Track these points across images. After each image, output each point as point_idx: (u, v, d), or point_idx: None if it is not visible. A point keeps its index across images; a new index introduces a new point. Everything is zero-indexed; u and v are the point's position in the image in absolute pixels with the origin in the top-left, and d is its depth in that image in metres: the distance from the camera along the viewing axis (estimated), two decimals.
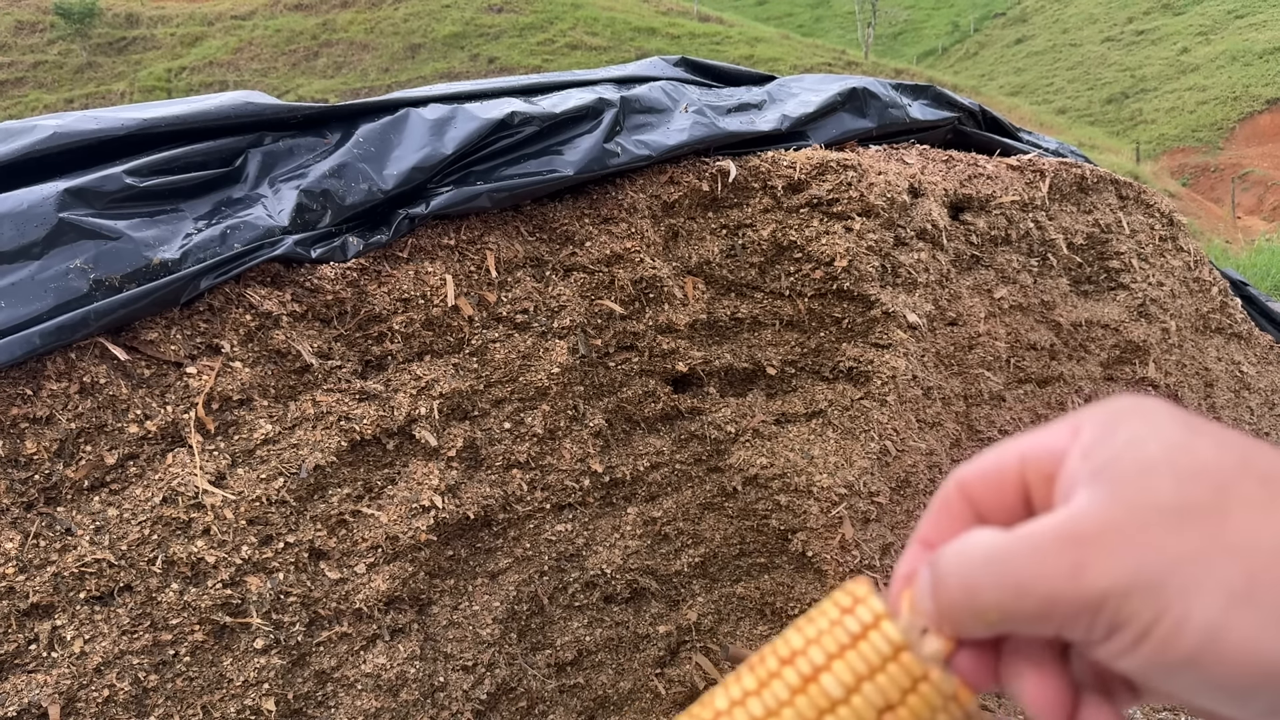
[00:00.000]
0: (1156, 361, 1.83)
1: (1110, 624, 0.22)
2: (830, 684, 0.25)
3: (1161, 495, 0.21)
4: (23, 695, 0.80)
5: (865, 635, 0.26)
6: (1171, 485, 0.21)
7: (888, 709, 0.25)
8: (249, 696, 0.89)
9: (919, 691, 0.25)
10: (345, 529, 0.98)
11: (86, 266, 0.84)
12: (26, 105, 16.45)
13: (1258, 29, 21.59)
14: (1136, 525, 0.21)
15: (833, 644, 0.26)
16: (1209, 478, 0.21)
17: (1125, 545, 0.21)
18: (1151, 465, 0.22)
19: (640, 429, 1.27)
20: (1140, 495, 0.21)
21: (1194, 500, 0.21)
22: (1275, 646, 0.20)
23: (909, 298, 1.36)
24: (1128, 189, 1.82)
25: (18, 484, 0.82)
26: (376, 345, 1.03)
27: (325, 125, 1.05)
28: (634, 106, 1.22)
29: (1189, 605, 0.20)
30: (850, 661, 0.26)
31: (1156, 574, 0.21)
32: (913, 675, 0.25)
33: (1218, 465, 0.21)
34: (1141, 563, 0.21)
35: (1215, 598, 0.20)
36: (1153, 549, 0.21)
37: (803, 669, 0.26)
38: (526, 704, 1.14)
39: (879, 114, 1.48)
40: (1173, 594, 0.20)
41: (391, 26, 18.84)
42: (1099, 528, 0.22)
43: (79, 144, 0.90)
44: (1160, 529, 0.21)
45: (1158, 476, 0.21)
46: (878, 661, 0.25)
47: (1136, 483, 0.22)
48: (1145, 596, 0.21)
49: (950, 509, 0.26)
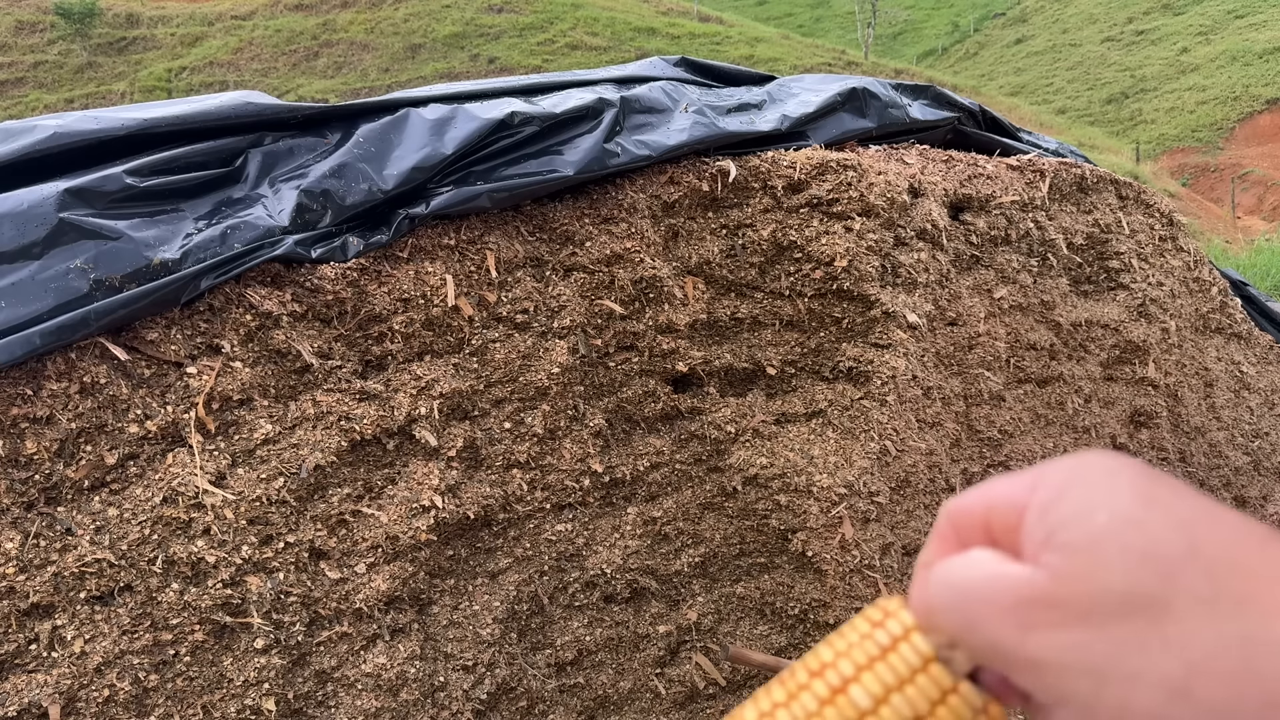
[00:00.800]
0: (1156, 361, 1.83)
1: (1054, 693, 0.22)
2: (859, 695, 0.25)
3: (1108, 578, 0.22)
4: (23, 695, 0.80)
5: (895, 647, 0.26)
6: (1118, 568, 0.22)
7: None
8: (249, 696, 0.89)
9: (948, 704, 0.25)
10: (345, 529, 0.98)
11: (87, 266, 0.84)
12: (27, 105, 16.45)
13: (1258, 29, 21.59)
14: (1083, 605, 0.22)
15: (862, 656, 0.26)
16: (1155, 564, 0.21)
17: (1071, 622, 0.22)
18: (1099, 539, 0.22)
19: (640, 429, 1.27)
20: (1088, 574, 0.22)
21: (1139, 588, 0.21)
22: None
23: (909, 298, 1.36)
24: (1127, 189, 1.82)
25: (18, 484, 0.82)
26: (377, 345, 1.03)
27: (325, 125, 1.05)
28: (634, 106, 1.22)
29: (1130, 694, 0.21)
30: (879, 673, 0.26)
31: (1099, 657, 0.21)
32: (942, 687, 0.25)
33: (1165, 548, 0.22)
34: (1085, 643, 0.21)
35: (1157, 691, 0.20)
36: (1097, 632, 0.21)
37: (832, 681, 0.26)
38: (526, 704, 1.14)
39: (879, 114, 1.48)
40: (1114, 680, 0.21)
41: (392, 26, 18.84)
42: (1048, 598, 0.22)
43: (79, 144, 0.90)
44: (1105, 613, 0.21)
45: (1105, 555, 0.22)
46: (906, 673, 0.25)
47: (1085, 557, 0.22)
48: (1086, 677, 0.21)
49: (943, 537, 0.27)
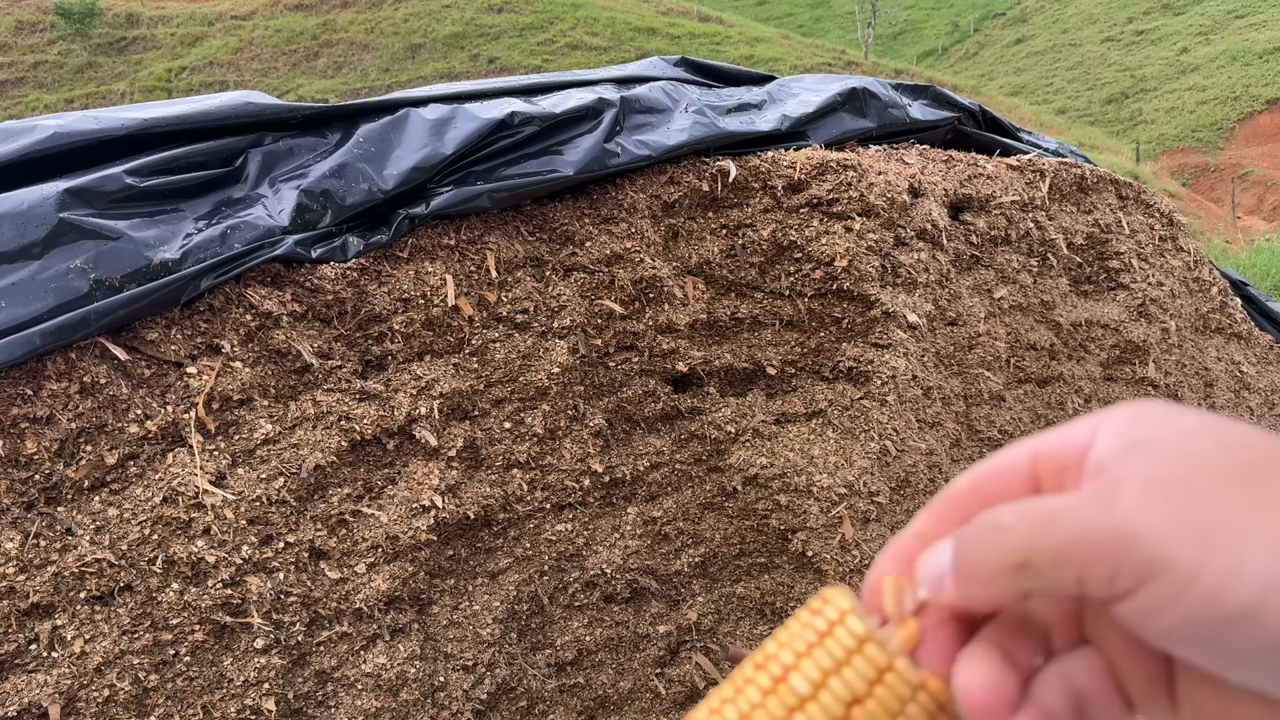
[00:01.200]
0: (1156, 361, 1.84)
1: (1143, 569, 0.20)
2: (798, 682, 0.25)
3: (1204, 456, 0.20)
4: (23, 695, 0.80)
5: (831, 632, 0.26)
6: (1215, 449, 0.21)
7: (855, 702, 0.25)
8: (249, 696, 0.90)
9: (885, 682, 0.25)
10: (345, 529, 0.98)
11: (87, 266, 0.84)
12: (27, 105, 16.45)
13: (1258, 29, 21.59)
14: (1178, 477, 0.20)
15: (801, 644, 0.26)
16: (1250, 449, 0.21)
17: (1166, 491, 0.20)
18: (1192, 432, 0.21)
19: (640, 429, 1.27)
20: (1180, 454, 0.21)
21: (1238, 464, 0.20)
22: None
23: (909, 298, 1.36)
24: (1127, 189, 1.82)
25: (18, 484, 0.82)
26: (377, 345, 1.03)
27: (325, 125, 1.05)
28: (634, 106, 1.22)
29: (1244, 555, 0.19)
30: (817, 658, 0.26)
31: (1204, 521, 0.19)
32: (877, 666, 0.25)
33: (1257, 439, 0.21)
34: (1187, 508, 0.20)
35: (1271, 548, 0.19)
36: (1197, 498, 0.20)
37: (773, 671, 0.26)
38: (527, 704, 1.14)
39: (879, 114, 1.48)
40: (1224, 543, 0.19)
41: (392, 26, 18.84)
42: (1140, 478, 0.21)
43: (79, 144, 0.90)
44: (1204, 483, 0.20)
45: (1198, 440, 0.21)
46: (843, 656, 0.25)
47: (1176, 444, 0.21)
48: (1190, 542, 0.19)
49: (956, 502, 0.25)
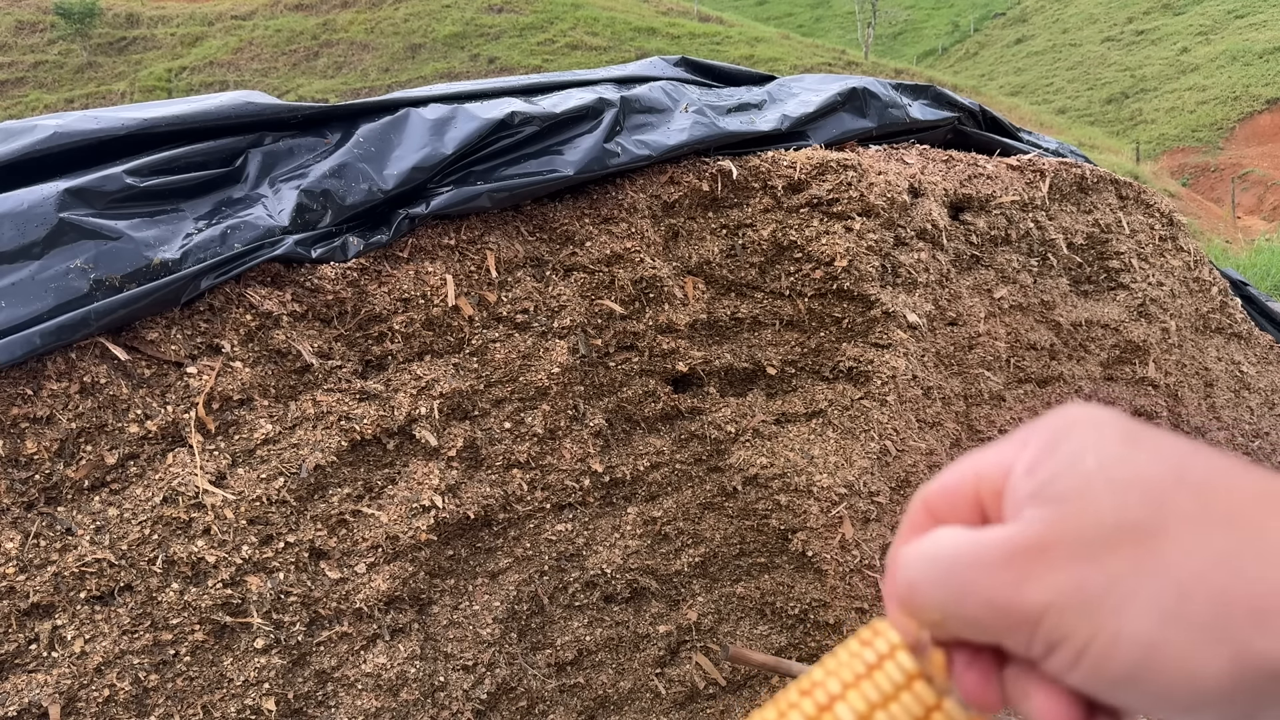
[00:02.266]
0: (1156, 361, 1.83)
1: (1048, 640, 0.22)
2: (844, 712, 0.26)
3: (1100, 513, 0.22)
4: (23, 695, 0.80)
5: (880, 665, 0.26)
6: (1109, 502, 0.22)
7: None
8: (249, 696, 0.89)
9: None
10: (345, 529, 0.98)
11: (87, 266, 0.84)
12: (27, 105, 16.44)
13: (1258, 29, 21.59)
14: (1076, 543, 0.22)
15: (849, 674, 0.26)
16: (1144, 493, 0.21)
17: (1065, 562, 0.22)
18: (1089, 481, 0.22)
19: (640, 429, 1.27)
20: (1080, 513, 0.22)
21: (1130, 518, 0.21)
22: (1206, 664, 0.20)
23: (909, 298, 1.36)
24: (1127, 189, 1.82)
25: (18, 484, 0.82)
26: (377, 345, 1.03)
27: (325, 125, 1.05)
28: (634, 106, 1.22)
29: (1121, 622, 0.21)
30: (864, 690, 0.26)
31: (1093, 592, 0.21)
32: (925, 704, 0.25)
33: (1154, 478, 0.22)
34: (1079, 580, 0.21)
35: (1148, 616, 0.20)
36: (1090, 566, 0.21)
37: (819, 699, 0.26)
38: (527, 703, 1.14)
39: (879, 114, 1.48)
40: (1107, 611, 0.21)
41: (392, 26, 18.83)
42: (1041, 544, 0.22)
43: (79, 144, 0.90)
44: (1098, 546, 0.21)
45: (1096, 493, 0.22)
46: (891, 690, 0.26)
47: (1076, 500, 0.22)
48: (1081, 613, 0.21)
49: (916, 525, 0.27)
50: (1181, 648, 0.20)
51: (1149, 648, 0.20)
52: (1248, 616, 0.20)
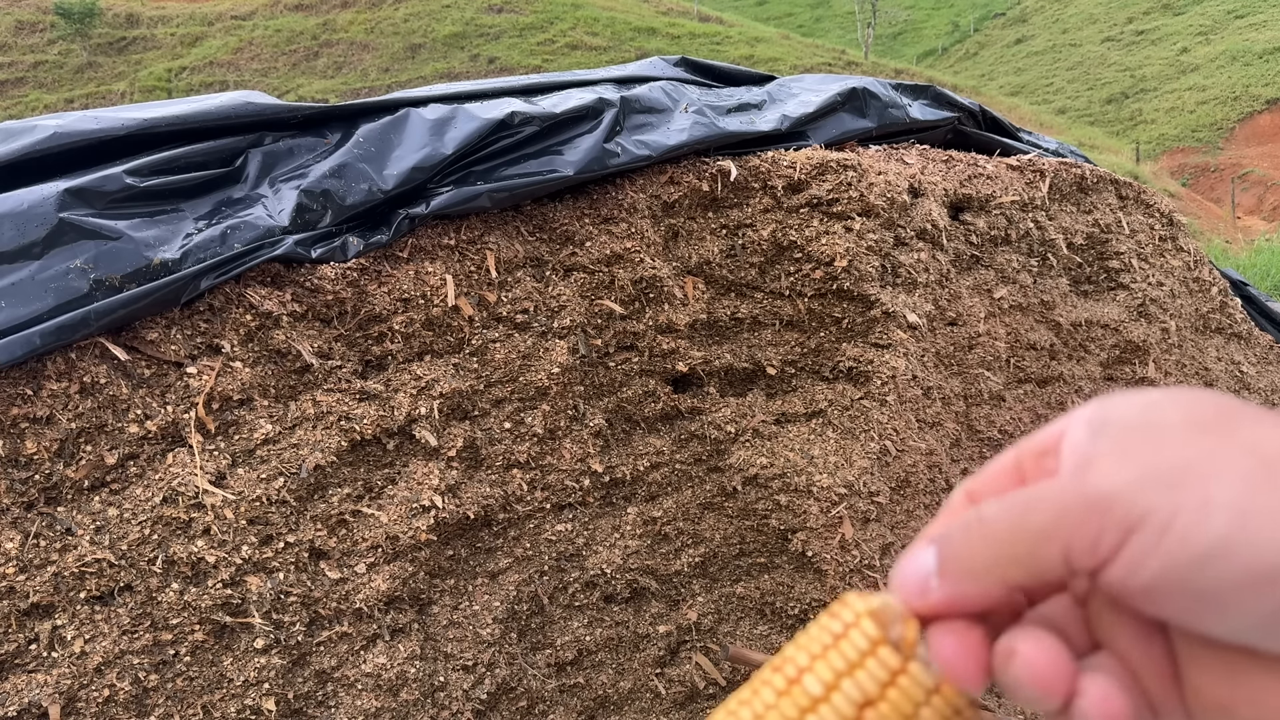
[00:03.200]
0: (1156, 361, 1.84)
1: (1122, 525, 0.21)
2: (810, 683, 0.26)
3: (1167, 416, 0.22)
4: (23, 695, 0.80)
5: (846, 634, 0.26)
6: (1175, 410, 0.22)
7: (868, 704, 0.25)
8: (249, 696, 0.89)
9: (898, 684, 0.25)
10: (345, 529, 0.98)
11: (87, 266, 0.84)
12: (27, 105, 16.44)
13: (1258, 29, 21.59)
14: (1144, 435, 0.22)
15: (817, 646, 0.26)
16: (1211, 404, 0.22)
17: (1134, 449, 0.21)
18: (1154, 401, 0.23)
19: (640, 429, 1.27)
20: (1145, 417, 0.22)
21: (1200, 417, 0.22)
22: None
23: (909, 298, 1.36)
24: (1127, 189, 1.82)
25: (18, 484, 0.82)
26: (377, 345, 1.03)
27: (325, 125, 1.05)
28: (634, 106, 1.22)
29: (1209, 491, 0.20)
30: (830, 660, 0.26)
31: (1170, 469, 0.21)
32: (890, 668, 0.25)
33: (1217, 398, 0.22)
34: (1154, 462, 0.21)
35: (1235, 483, 0.20)
36: (1164, 451, 0.21)
37: (789, 673, 0.26)
38: (527, 704, 1.14)
39: (879, 114, 1.48)
40: (1191, 484, 0.20)
41: (392, 26, 18.83)
42: (1109, 447, 0.22)
43: (79, 144, 0.90)
44: (1169, 436, 0.21)
45: (1160, 403, 0.22)
46: (856, 657, 0.25)
47: (1139, 410, 0.22)
48: (1161, 490, 0.21)
49: (954, 510, 0.26)
50: (1274, 511, 0.19)
51: (1240, 514, 0.20)
52: None
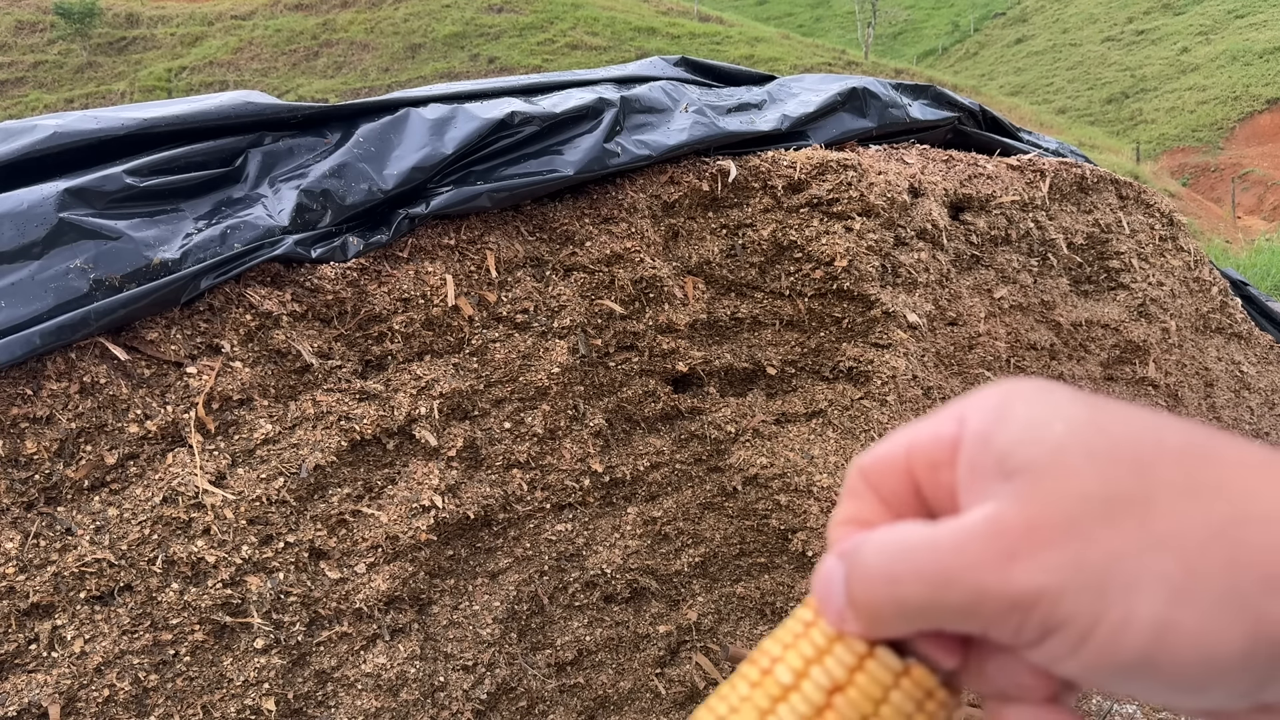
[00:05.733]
0: (1156, 361, 1.83)
1: (1044, 626, 0.20)
2: (781, 672, 0.26)
3: (1084, 484, 0.20)
4: (23, 695, 0.80)
5: (815, 623, 0.26)
6: (1092, 472, 0.20)
7: (836, 690, 0.25)
8: (249, 696, 0.89)
9: (865, 669, 0.25)
10: (345, 529, 0.97)
11: (87, 266, 0.84)
12: (27, 105, 16.44)
13: (1258, 29, 21.58)
14: (1065, 519, 0.20)
15: (789, 636, 0.27)
16: (1127, 461, 0.20)
17: (1057, 541, 0.20)
18: (1064, 449, 0.21)
19: (640, 429, 1.27)
20: (1062, 485, 0.20)
21: (1118, 489, 0.20)
22: (1223, 638, 0.19)
23: (909, 297, 1.36)
24: (1128, 189, 1.82)
25: (18, 484, 0.82)
26: (376, 345, 1.03)
27: (325, 125, 1.05)
28: (634, 106, 1.22)
29: (1131, 604, 0.19)
30: (800, 649, 0.26)
31: (1094, 573, 0.20)
32: (857, 653, 0.25)
33: (1132, 445, 0.20)
34: (1077, 560, 0.20)
35: (1158, 594, 0.19)
36: (1087, 545, 0.20)
37: (762, 664, 0.27)
38: (527, 704, 1.14)
39: (879, 114, 1.48)
40: (1114, 594, 0.19)
41: (391, 26, 18.83)
42: (1027, 522, 0.20)
43: (79, 144, 0.90)
44: (1090, 523, 0.20)
45: (1075, 463, 0.20)
46: (824, 644, 0.25)
47: (1054, 470, 0.20)
48: (1083, 597, 0.20)
49: (856, 493, 0.25)
50: (1196, 624, 0.19)
51: (1162, 628, 0.19)
52: (1261, 585, 0.19)
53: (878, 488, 0.25)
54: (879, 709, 0.24)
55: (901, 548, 0.22)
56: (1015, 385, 0.23)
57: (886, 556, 0.23)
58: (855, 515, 0.25)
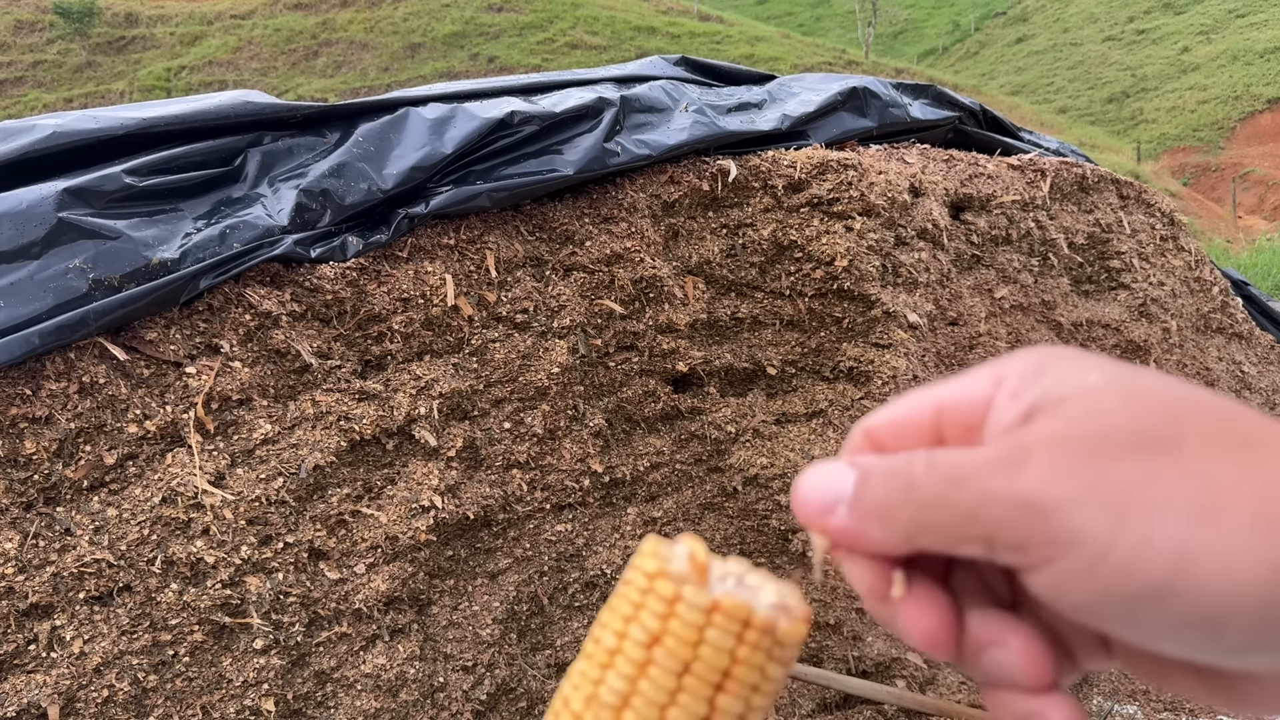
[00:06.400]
0: (1157, 361, 1.83)
1: (1054, 541, 0.19)
2: (606, 637, 0.25)
3: (1113, 419, 0.19)
4: (22, 695, 0.80)
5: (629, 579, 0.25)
6: (1122, 409, 0.19)
7: (654, 642, 0.24)
8: (248, 697, 0.89)
9: (676, 613, 0.24)
10: (345, 529, 0.97)
11: (86, 266, 0.84)
12: (26, 105, 16.43)
13: (1258, 28, 21.56)
14: (1088, 443, 0.19)
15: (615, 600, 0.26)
16: (1159, 406, 0.20)
17: (1077, 458, 0.19)
18: (1097, 391, 0.20)
19: (640, 429, 1.27)
20: (1089, 417, 0.20)
21: (1147, 426, 0.19)
22: (1246, 571, 0.18)
23: (909, 297, 1.36)
24: (1128, 188, 1.82)
25: (17, 484, 0.82)
26: (376, 345, 1.02)
27: (325, 124, 1.05)
28: (634, 106, 1.22)
29: (1153, 525, 0.18)
30: (617, 608, 0.25)
31: (1113, 489, 0.18)
32: (666, 599, 0.24)
33: (1166, 395, 0.20)
34: (1096, 479, 0.19)
35: (1181, 517, 0.18)
36: (1108, 465, 0.19)
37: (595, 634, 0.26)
38: (526, 704, 1.14)
39: (879, 113, 1.48)
40: (1134, 513, 0.18)
41: (391, 25, 18.82)
42: (1048, 438, 0.19)
43: (78, 143, 0.90)
44: (1114, 448, 0.19)
45: (1106, 400, 0.20)
46: (638, 598, 0.25)
47: (1083, 405, 0.20)
48: (1099, 514, 0.18)
49: (870, 438, 0.24)
50: (1219, 553, 0.18)
51: (1183, 551, 0.18)
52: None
53: (886, 449, 0.23)
54: (698, 650, 0.23)
55: (919, 457, 0.22)
56: (1052, 349, 0.22)
57: (904, 461, 0.22)
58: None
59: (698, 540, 0.25)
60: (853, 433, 0.25)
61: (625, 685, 0.24)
